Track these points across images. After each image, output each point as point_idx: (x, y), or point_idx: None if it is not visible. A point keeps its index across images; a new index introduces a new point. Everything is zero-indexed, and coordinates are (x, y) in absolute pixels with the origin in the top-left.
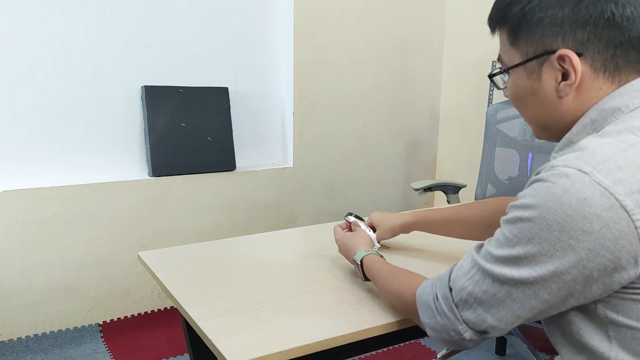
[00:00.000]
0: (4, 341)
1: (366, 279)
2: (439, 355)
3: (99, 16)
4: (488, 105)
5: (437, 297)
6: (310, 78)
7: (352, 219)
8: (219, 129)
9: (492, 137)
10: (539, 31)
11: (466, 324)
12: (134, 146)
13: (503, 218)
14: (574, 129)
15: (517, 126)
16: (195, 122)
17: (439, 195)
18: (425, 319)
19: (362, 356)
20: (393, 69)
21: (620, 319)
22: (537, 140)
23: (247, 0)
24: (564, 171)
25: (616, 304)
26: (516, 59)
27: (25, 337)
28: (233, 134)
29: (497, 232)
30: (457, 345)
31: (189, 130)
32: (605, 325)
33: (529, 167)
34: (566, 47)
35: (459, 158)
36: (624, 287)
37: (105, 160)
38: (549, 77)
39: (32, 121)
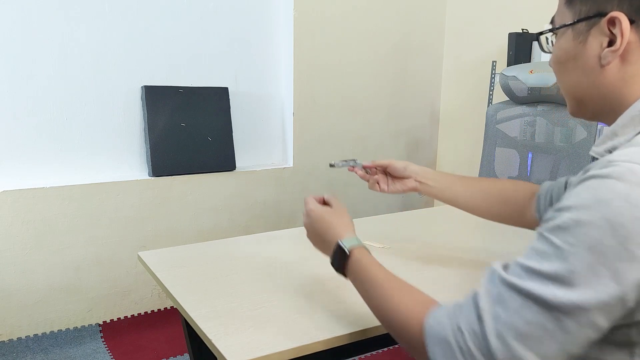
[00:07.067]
0: (4, 341)
1: (343, 273)
2: None
3: (99, 16)
4: (488, 105)
5: (460, 330)
6: (310, 78)
7: (342, 164)
8: (219, 129)
9: (492, 137)
10: None
11: None
12: (134, 146)
13: (545, 226)
14: (619, 121)
15: (517, 126)
16: (195, 122)
17: None
18: (439, 357)
19: (362, 356)
20: (393, 69)
21: None
22: (537, 140)
23: (248, 1)
24: (629, 167)
25: None
26: (567, 19)
27: (25, 337)
28: (233, 134)
29: (537, 244)
30: None
31: (189, 130)
32: (631, 345)
33: (529, 167)
34: (620, 11)
35: (459, 158)
36: None
37: (105, 160)
38: (595, 41)
39: (32, 121)
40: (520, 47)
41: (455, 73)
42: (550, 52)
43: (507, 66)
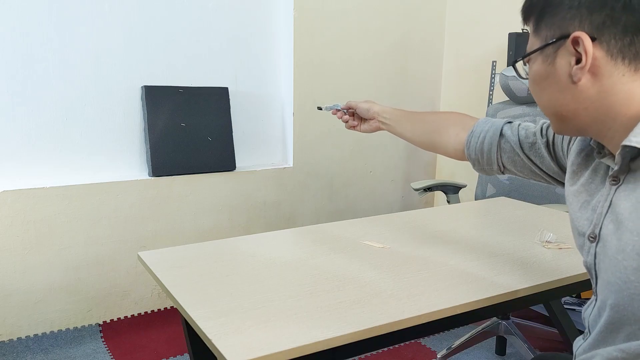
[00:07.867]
0: (4, 341)
1: None
2: (439, 355)
3: (99, 16)
4: (488, 105)
5: None
6: (310, 78)
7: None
8: (219, 129)
9: None
10: (559, 14)
11: None
12: (134, 146)
13: None
14: None
15: None
16: (195, 122)
17: (439, 195)
18: None
19: (362, 356)
20: (393, 68)
21: None
22: None
23: (247, 0)
24: None
25: None
26: (536, 46)
27: (25, 337)
28: (233, 134)
29: None
30: None
31: (189, 130)
32: None
33: None
34: (582, 31)
35: None
36: None
37: (105, 160)
38: (563, 61)
39: (32, 121)
40: (520, 47)
41: (455, 73)
42: (527, 78)
43: (507, 66)
